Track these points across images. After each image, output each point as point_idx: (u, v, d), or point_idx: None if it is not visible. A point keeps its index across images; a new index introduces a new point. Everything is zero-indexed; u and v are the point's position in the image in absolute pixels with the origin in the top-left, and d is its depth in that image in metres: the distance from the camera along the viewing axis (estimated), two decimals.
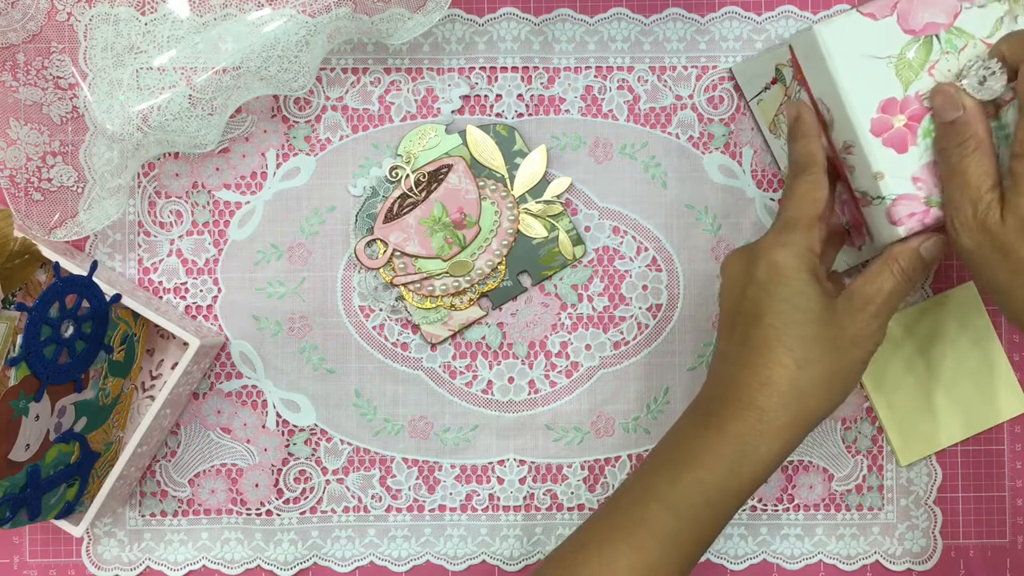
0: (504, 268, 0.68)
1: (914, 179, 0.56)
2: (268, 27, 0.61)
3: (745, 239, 0.69)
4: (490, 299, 0.68)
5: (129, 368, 0.65)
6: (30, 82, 0.64)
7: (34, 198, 0.65)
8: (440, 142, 0.68)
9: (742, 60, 0.68)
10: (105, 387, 0.63)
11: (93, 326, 0.59)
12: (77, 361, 0.59)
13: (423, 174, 0.67)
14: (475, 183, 0.67)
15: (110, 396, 0.64)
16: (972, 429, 0.69)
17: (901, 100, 0.56)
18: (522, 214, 0.68)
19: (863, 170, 0.57)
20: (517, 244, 0.68)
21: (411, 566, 0.69)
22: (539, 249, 0.68)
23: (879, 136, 0.56)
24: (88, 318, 0.59)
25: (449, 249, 0.68)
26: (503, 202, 0.68)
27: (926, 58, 0.56)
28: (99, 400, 0.62)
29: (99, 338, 0.60)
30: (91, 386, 0.61)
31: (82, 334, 0.58)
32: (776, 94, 0.64)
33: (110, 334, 0.61)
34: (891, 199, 0.56)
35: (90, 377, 0.61)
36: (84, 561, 0.69)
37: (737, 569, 0.69)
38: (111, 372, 0.63)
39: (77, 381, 0.60)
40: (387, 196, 0.67)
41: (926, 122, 0.56)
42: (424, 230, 0.67)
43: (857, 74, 0.55)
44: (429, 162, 0.68)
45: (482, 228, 0.68)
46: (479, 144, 0.68)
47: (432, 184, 0.67)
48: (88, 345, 0.59)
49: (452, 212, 0.67)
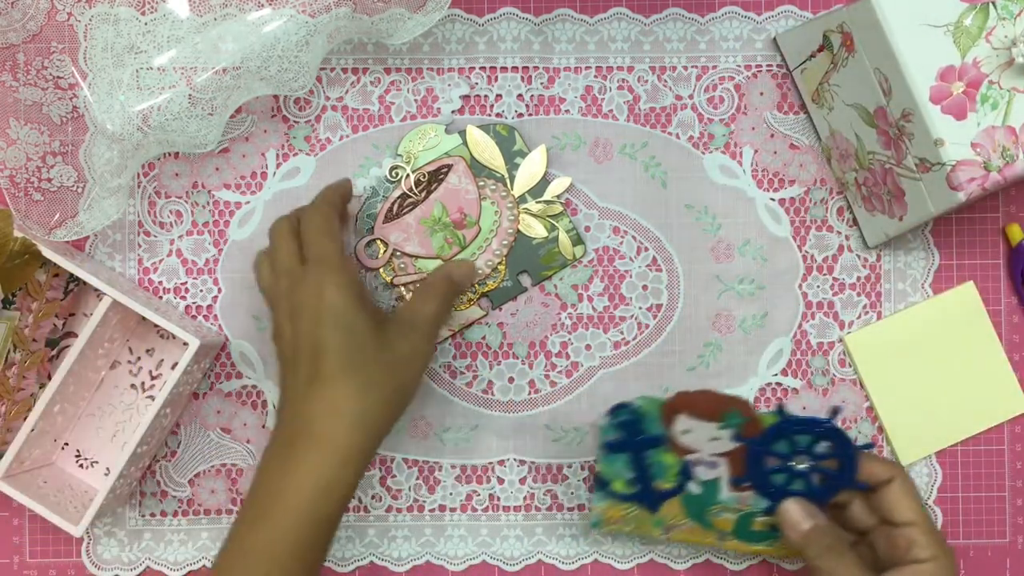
0: (504, 268, 0.68)
1: (973, 145, 0.57)
2: (268, 27, 0.61)
3: (745, 239, 0.69)
4: (490, 299, 0.68)
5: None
6: (30, 82, 0.64)
7: (34, 198, 0.65)
8: (440, 142, 0.68)
9: (786, 30, 0.68)
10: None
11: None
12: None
13: (423, 174, 0.67)
14: (475, 183, 0.67)
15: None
16: (972, 429, 0.69)
17: (959, 67, 0.57)
18: (522, 214, 0.68)
19: (922, 137, 0.58)
20: (517, 244, 0.68)
21: (411, 566, 0.69)
22: (539, 249, 0.68)
23: (938, 104, 0.57)
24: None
25: (449, 249, 0.67)
26: (503, 202, 0.68)
27: (983, 24, 0.57)
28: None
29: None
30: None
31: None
32: (821, 62, 0.64)
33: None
34: (951, 165, 0.57)
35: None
36: (84, 561, 0.69)
37: (737, 569, 0.69)
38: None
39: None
40: (387, 196, 0.67)
41: (984, 88, 0.57)
42: (424, 230, 0.67)
43: (915, 43, 0.57)
44: (429, 162, 0.67)
45: (482, 228, 0.68)
46: (479, 144, 0.68)
47: (432, 184, 0.67)
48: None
49: (452, 212, 0.67)
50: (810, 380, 0.69)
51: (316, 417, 0.56)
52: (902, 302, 0.69)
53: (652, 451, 0.62)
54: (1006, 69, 0.58)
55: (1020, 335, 0.70)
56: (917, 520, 0.58)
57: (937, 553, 0.57)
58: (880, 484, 0.60)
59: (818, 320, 0.69)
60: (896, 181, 0.62)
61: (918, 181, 0.60)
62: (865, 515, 0.61)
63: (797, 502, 0.60)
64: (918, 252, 0.69)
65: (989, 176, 0.58)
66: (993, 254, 0.70)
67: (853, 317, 0.69)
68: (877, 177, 0.64)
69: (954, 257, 0.70)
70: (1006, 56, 0.58)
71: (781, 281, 0.69)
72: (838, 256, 0.69)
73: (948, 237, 0.70)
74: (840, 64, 0.62)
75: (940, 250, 0.69)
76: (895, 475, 0.59)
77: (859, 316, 0.69)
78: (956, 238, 0.70)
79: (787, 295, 0.69)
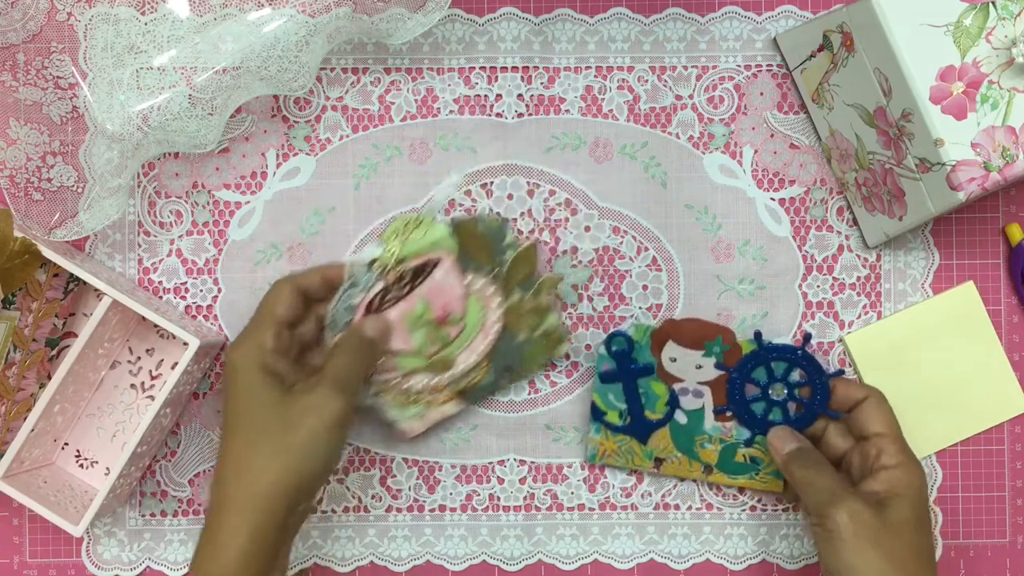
0: (487, 365, 0.66)
1: (973, 145, 0.58)
2: (268, 27, 0.61)
3: (745, 239, 0.69)
4: (468, 396, 0.67)
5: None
6: (30, 82, 0.64)
7: (34, 198, 0.65)
8: (427, 232, 0.63)
9: (786, 30, 0.68)
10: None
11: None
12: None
13: (407, 269, 0.63)
14: (461, 280, 0.64)
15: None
16: (972, 429, 0.69)
17: (959, 67, 0.57)
18: (508, 311, 0.65)
19: (923, 137, 0.58)
20: (501, 341, 0.66)
21: (411, 566, 0.69)
22: (523, 347, 0.66)
23: (938, 104, 0.57)
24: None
25: (431, 346, 0.64)
26: (489, 299, 0.65)
27: (983, 25, 0.57)
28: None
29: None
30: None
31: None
32: (821, 62, 0.64)
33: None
34: (951, 165, 0.58)
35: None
36: (84, 561, 0.69)
37: (737, 569, 0.69)
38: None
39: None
40: (368, 288, 0.62)
41: (984, 88, 0.58)
42: (406, 326, 0.63)
43: (915, 43, 0.57)
44: (415, 253, 0.63)
45: (466, 325, 0.65)
46: (468, 236, 0.64)
47: (416, 279, 0.63)
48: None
49: (436, 309, 0.64)
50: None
51: (222, 480, 0.57)
52: (902, 302, 0.69)
53: (643, 380, 0.66)
54: (1006, 69, 0.58)
55: (1020, 335, 0.70)
56: (886, 431, 0.62)
57: (904, 459, 0.61)
58: (857, 404, 0.64)
59: (818, 320, 0.69)
60: (896, 181, 0.62)
61: (918, 181, 0.60)
62: (840, 439, 0.64)
63: (782, 428, 0.65)
64: (918, 252, 0.69)
65: (989, 176, 0.58)
66: (993, 254, 0.70)
67: (853, 317, 0.69)
68: (877, 177, 0.64)
69: (954, 257, 0.70)
70: (1006, 56, 0.58)
71: (781, 281, 0.69)
72: (838, 256, 0.69)
73: (948, 237, 0.70)
74: (840, 64, 0.62)
75: (940, 250, 0.69)
76: (870, 394, 0.63)
77: (859, 316, 0.69)
78: (956, 238, 0.70)
79: (787, 295, 0.69)
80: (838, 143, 0.66)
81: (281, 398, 0.58)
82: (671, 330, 0.66)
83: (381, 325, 0.63)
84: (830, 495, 0.59)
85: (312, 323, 0.63)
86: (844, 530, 0.58)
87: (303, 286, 0.62)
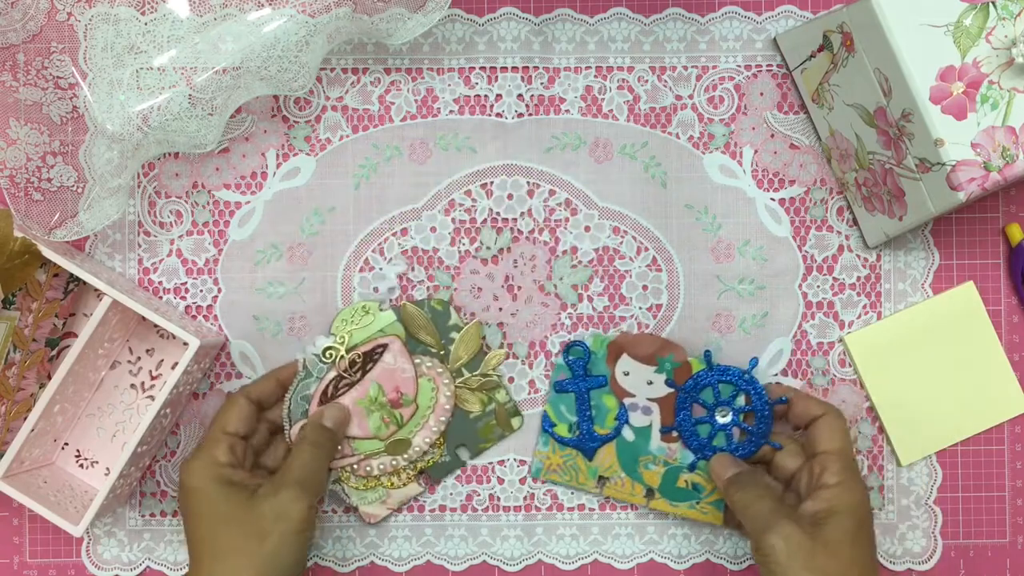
0: (443, 443, 0.67)
1: (973, 145, 0.58)
2: (268, 27, 0.61)
3: (745, 239, 0.69)
4: (429, 475, 0.68)
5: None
6: (30, 82, 0.64)
7: (34, 198, 0.65)
8: (375, 320, 0.66)
9: (786, 30, 0.68)
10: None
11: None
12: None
13: (358, 355, 0.66)
14: (411, 361, 0.66)
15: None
16: (972, 429, 0.69)
17: (959, 67, 0.57)
18: (458, 389, 0.67)
19: (923, 138, 0.58)
20: (455, 419, 0.67)
21: (411, 566, 0.69)
22: (477, 423, 0.68)
23: (938, 104, 0.57)
24: None
25: (386, 428, 0.66)
26: (440, 378, 0.67)
27: (983, 25, 0.58)
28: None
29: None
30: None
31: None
32: (821, 62, 0.64)
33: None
34: (951, 165, 0.58)
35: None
36: (84, 561, 0.69)
37: (736, 569, 0.69)
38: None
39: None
40: (321, 377, 0.66)
41: (984, 88, 0.58)
42: (361, 411, 0.66)
43: (915, 43, 0.57)
44: (364, 340, 0.66)
45: (419, 406, 0.66)
46: (414, 320, 0.66)
47: (367, 364, 0.66)
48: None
49: (389, 392, 0.66)
50: (810, 380, 0.69)
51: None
52: (902, 302, 0.69)
53: (595, 392, 0.67)
54: (1006, 69, 0.58)
55: (1020, 335, 0.70)
56: (833, 449, 0.62)
57: (844, 478, 0.60)
58: (813, 420, 0.63)
59: (818, 320, 0.69)
60: (896, 181, 0.62)
61: (918, 181, 0.60)
62: (790, 459, 0.64)
63: (723, 455, 0.65)
64: (918, 252, 0.69)
65: (989, 176, 0.58)
66: (993, 254, 0.70)
67: (853, 317, 0.69)
68: (877, 177, 0.64)
69: (954, 257, 0.70)
70: (1006, 56, 0.58)
71: (781, 281, 0.69)
72: (838, 256, 0.69)
73: (948, 237, 0.70)
74: (840, 64, 0.62)
75: (940, 250, 0.69)
76: (827, 411, 0.63)
77: (859, 316, 0.69)
78: (956, 238, 0.70)
79: (787, 295, 0.69)
80: (838, 143, 0.66)
81: (244, 506, 0.60)
82: (626, 343, 0.67)
83: (338, 413, 0.65)
84: (764, 521, 0.59)
85: (263, 430, 0.65)
86: (779, 554, 0.58)
87: (256, 397, 0.64)
